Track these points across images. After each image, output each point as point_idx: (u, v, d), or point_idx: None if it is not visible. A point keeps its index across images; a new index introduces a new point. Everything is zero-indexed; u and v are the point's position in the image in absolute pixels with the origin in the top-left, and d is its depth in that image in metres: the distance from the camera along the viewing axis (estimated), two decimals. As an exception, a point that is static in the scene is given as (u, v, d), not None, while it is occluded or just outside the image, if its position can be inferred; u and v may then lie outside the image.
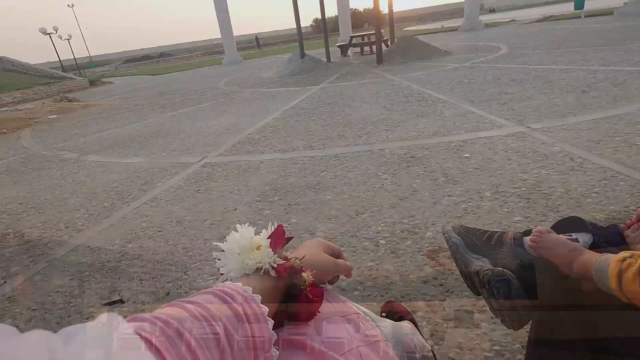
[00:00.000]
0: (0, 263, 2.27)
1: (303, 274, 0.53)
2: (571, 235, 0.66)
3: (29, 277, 2.07)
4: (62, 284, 1.94)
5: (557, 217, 1.83)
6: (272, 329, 0.44)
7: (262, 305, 0.44)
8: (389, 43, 10.96)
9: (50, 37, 26.27)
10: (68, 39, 32.55)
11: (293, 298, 0.53)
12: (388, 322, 0.73)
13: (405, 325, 0.80)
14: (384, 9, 13.31)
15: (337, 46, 14.06)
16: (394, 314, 1.09)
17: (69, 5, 42.52)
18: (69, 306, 1.76)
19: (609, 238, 0.61)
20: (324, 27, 12.18)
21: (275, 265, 0.51)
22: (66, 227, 2.61)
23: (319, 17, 12.04)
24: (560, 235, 0.67)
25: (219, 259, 0.54)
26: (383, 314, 1.18)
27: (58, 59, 27.34)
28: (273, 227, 0.57)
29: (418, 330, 1.04)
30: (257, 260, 0.51)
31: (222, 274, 0.54)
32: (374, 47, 10.97)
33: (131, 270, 1.97)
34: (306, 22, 49.33)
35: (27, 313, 1.75)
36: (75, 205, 2.97)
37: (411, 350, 0.69)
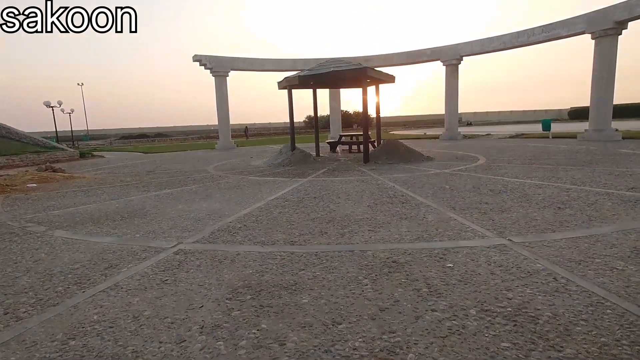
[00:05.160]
0: None
1: None
2: None
3: (-61, 377, 1.73)
4: (-24, 391, 1.62)
5: (546, 346, 1.70)
6: None
7: None
8: (375, 144, 11.69)
9: (53, 109, 27.30)
10: (70, 113, 33.86)
11: None
12: None
13: None
14: (372, 112, 14.54)
15: (327, 142, 14.91)
16: None
17: (78, 84, 45.31)
18: (-26, 423, 1.43)
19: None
20: (316, 125, 13.05)
21: None
22: (5, 313, 2.31)
23: (312, 114, 12.98)
24: None
25: None
26: None
27: (55, 130, 28.02)
28: None
29: None
30: None
31: None
32: (361, 146, 11.64)
33: (65, 377, 1.68)
34: (300, 117, 53.15)
35: None
36: (25, 287, 2.68)
37: None
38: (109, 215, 4.89)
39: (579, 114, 43.56)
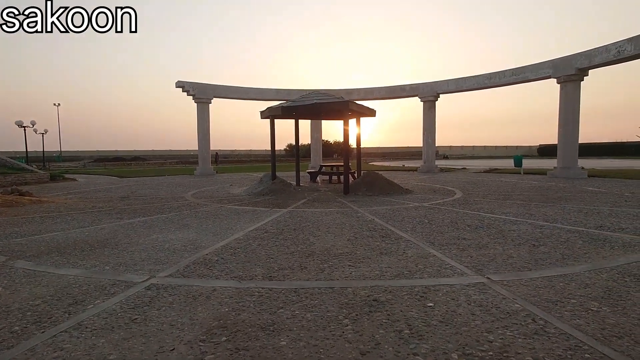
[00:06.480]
0: None
1: None
2: None
3: None
4: None
5: (530, 395, 1.67)
6: None
7: None
8: (355, 175, 11.81)
9: (25, 129, 26.42)
10: (43, 134, 32.83)
11: None
12: None
13: None
14: (352, 143, 14.80)
15: (307, 172, 14.97)
16: None
17: (55, 104, 44.21)
18: None
19: None
20: (297, 155, 13.12)
21: None
22: (-48, 357, 2.10)
23: (293, 143, 13.07)
24: None
25: None
26: None
27: (25, 150, 26.98)
28: None
29: None
30: None
31: None
32: (341, 177, 11.73)
33: None
34: (281, 145, 53.48)
35: None
36: (-24, 326, 2.46)
37: None
38: (77, 244, 4.64)
39: (547, 150, 45.91)
